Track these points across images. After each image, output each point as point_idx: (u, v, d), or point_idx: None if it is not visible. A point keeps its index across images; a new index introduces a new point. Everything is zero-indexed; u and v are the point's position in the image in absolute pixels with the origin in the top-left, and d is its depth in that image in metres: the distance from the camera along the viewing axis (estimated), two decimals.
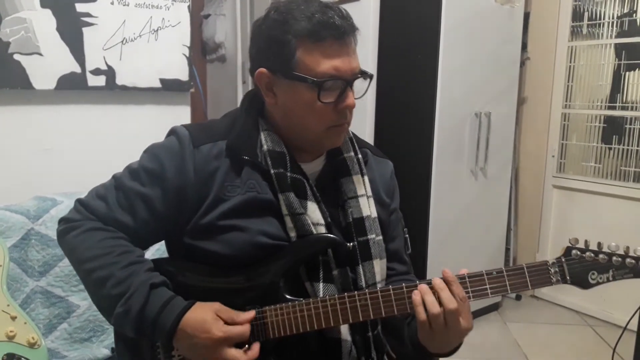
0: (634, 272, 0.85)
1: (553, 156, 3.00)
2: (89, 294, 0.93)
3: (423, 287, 0.87)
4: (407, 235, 1.14)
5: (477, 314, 2.79)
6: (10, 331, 1.21)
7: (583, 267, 0.87)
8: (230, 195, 0.92)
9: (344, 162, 1.00)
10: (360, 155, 1.03)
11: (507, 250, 3.07)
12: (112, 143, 1.85)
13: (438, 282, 0.87)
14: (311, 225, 0.92)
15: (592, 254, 0.87)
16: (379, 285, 0.98)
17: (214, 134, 0.95)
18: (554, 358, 2.43)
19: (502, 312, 2.89)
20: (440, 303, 0.85)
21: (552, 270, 0.88)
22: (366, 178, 1.02)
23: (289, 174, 0.93)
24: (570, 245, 0.88)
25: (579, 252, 0.87)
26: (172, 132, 0.97)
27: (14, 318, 1.23)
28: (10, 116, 1.67)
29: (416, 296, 0.86)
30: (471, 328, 0.88)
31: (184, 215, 0.93)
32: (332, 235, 0.93)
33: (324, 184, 0.99)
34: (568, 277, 0.87)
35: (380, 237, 1.01)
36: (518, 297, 3.07)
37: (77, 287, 1.44)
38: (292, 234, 0.92)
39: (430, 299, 0.85)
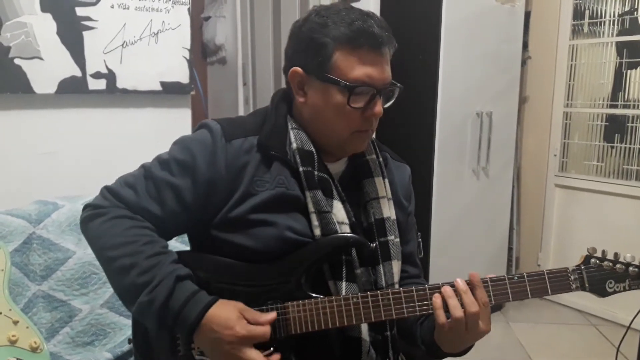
0: None
1: (555, 155, 2.99)
2: (110, 281, 0.93)
3: (447, 289, 0.88)
4: (420, 240, 1.17)
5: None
6: (13, 335, 1.21)
7: (601, 275, 0.90)
8: (260, 190, 0.93)
9: (367, 164, 1.03)
10: (381, 159, 1.05)
11: (510, 249, 3.06)
12: (113, 146, 1.85)
13: (461, 285, 0.88)
14: (336, 224, 0.94)
15: (610, 263, 0.90)
16: (396, 286, 1.00)
17: (245, 129, 0.97)
18: (558, 358, 2.42)
19: (505, 312, 2.88)
20: (463, 306, 0.87)
21: (572, 278, 0.90)
22: (387, 181, 1.04)
23: (316, 172, 0.95)
24: (588, 254, 0.91)
25: (597, 261, 0.90)
26: (204, 126, 0.98)
27: (16, 322, 1.23)
28: (11, 120, 1.67)
29: (437, 299, 0.88)
30: (489, 331, 0.89)
31: (211, 207, 0.94)
32: (356, 236, 0.95)
33: (347, 184, 1.01)
34: (587, 285, 0.90)
35: (398, 239, 1.03)
36: None
37: (79, 291, 1.44)
38: (317, 232, 0.94)
39: (454, 303, 0.87)
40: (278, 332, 0.90)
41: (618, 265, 0.89)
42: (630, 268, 0.89)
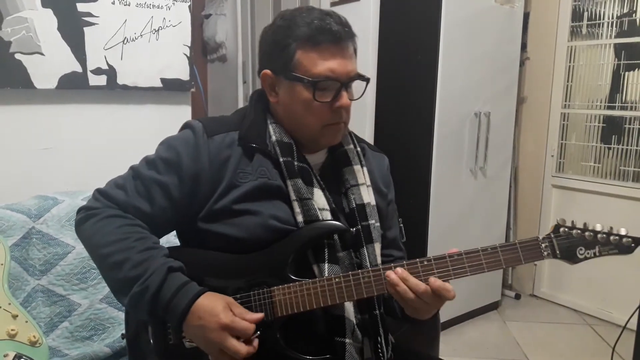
0: (619, 248, 0.91)
1: (552, 156, 3.01)
2: (104, 277, 0.98)
3: (391, 277, 0.91)
4: (401, 225, 1.21)
5: (477, 312, 2.80)
6: (12, 330, 1.22)
7: (571, 243, 0.92)
8: (243, 182, 0.98)
9: (345, 154, 1.08)
10: (359, 149, 1.10)
11: None
12: (113, 142, 1.85)
13: (393, 278, 0.91)
14: (317, 210, 0.98)
15: (579, 231, 0.92)
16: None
17: (225, 125, 1.03)
18: (554, 357, 2.43)
19: (501, 311, 2.90)
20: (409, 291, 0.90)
21: (543, 245, 0.92)
22: (365, 169, 1.09)
23: (295, 162, 1.00)
24: (557, 223, 0.93)
25: (567, 229, 0.92)
26: (187, 126, 1.04)
27: (15, 317, 1.24)
28: (11, 116, 1.67)
29: (390, 287, 0.91)
30: (452, 296, 0.90)
31: (198, 200, 0.99)
32: (338, 222, 0.99)
33: (327, 173, 1.06)
34: (558, 252, 0.92)
35: (379, 224, 1.07)
36: (517, 296, 3.08)
37: (78, 286, 1.44)
38: (300, 219, 0.98)
39: (403, 288, 0.90)
40: (265, 315, 0.93)
41: (587, 233, 0.91)
42: (599, 235, 0.91)
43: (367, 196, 1.06)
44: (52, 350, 1.36)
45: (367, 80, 1.02)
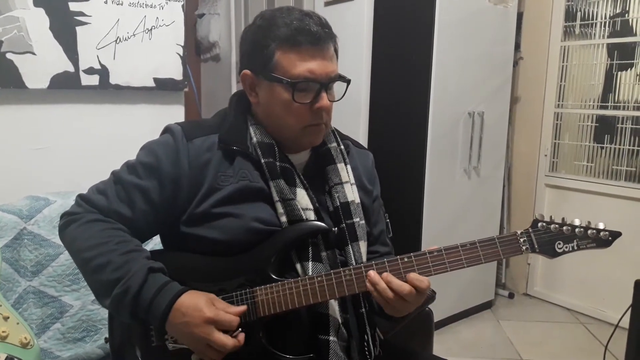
0: (596, 242, 0.91)
1: (545, 155, 3.02)
2: (87, 281, 0.97)
3: (371, 277, 0.91)
4: (388, 220, 1.21)
5: (471, 312, 2.81)
6: (3, 331, 1.21)
7: (550, 237, 0.92)
8: (224, 185, 0.98)
9: (329, 152, 1.07)
10: (342, 147, 1.10)
11: None
12: (105, 142, 1.84)
13: (373, 276, 0.91)
14: (301, 210, 0.98)
15: (557, 226, 0.92)
16: None
17: (205, 128, 1.02)
18: (547, 356, 2.44)
19: (495, 311, 2.91)
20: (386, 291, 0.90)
21: (521, 240, 0.92)
22: (349, 167, 1.08)
23: (278, 163, 1.00)
24: (536, 218, 0.94)
25: (544, 224, 0.93)
26: (167, 130, 1.03)
27: (6, 318, 1.23)
28: (2, 115, 1.66)
29: (370, 287, 0.91)
30: (426, 286, 0.91)
31: (179, 204, 0.99)
32: (320, 223, 0.99)
33: (310, 172, 1.06)
34: (536, 246, 0.92)
35: (364, 222, 1.07)
36: (511, 296, 3.09)
37: (70, 287, 1.43)
38: (283, 219, 0.98)
39: (382, 287, 0.90)
40: (248, 316, 0.94)
41: (565, 227, 0.92)
42: (577, 229, 0.91)
43: (352, 194, 1.05)
44: (43, 352, 1.36)
45: (348, 81, 1.01)
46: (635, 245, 2.53)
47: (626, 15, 2.67)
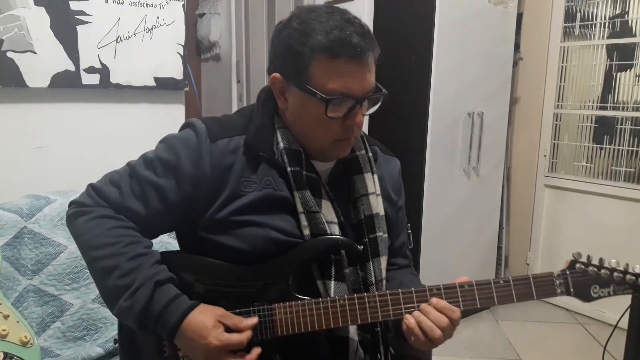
0: (634, 287, 0.90)
1: (545, 156, 3.02)
2: (94, 280, 0.94)
3: (416, 314, 0.89)
4: (409, 231, 1.17)
5: (470, 312, 2.81)
6: (3, 330, 1.21)
7: (586, 280, 0.91)
8: (247, 191, 0.93)
9: (356, 160, 1.02)
10: (370, 154, 1.05)
11: (499, 248, 3.09)
12: (106, 141, 1.84)
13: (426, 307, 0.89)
14: (325, 224, 0.94)
15: (595, 269, 0.90)
16: (384, 282, 1.01)
17: (230, 129, 0.96)
18: (546, 356, 2.45)
19: (494, 311, 2.91)
20: (428, 328, 0.88)
21: (557, 282, 0.91)
22: (376, 176, 1.03)
23: (304, 172, 0.95)
24: (574, 258, 0.91)
25: (582, 266, 0.91)
26: (189, 125, 0.97)
27: (6, 317, 1.23)
28: (3, 114, 1.66)
29: (409, 320, 0.89)
30: (457, 317, 0.90)
31: (197, 208, 0.93)
32: (345, 238, 0.95)
33: (336, 181, 1.01)
34: (572, 290, 0.91)
35: (386, 235, 1.03)
36: None
37: (70, 286, 1.44)
38: (306, 232, 0.93)
39: (428, 325, 0.88)
40: (264, 333, 0.91)
41: (603, 271, 0.90)
42: (615, 273, 0.90)
43: (377, 206, 1.01)
44: (44, 350, 1.36)
45: (385, 94, 0.94)
46: (634, 246, 2.53)
47: (626, 16, 2.68)
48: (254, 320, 0.89)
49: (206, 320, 0.86)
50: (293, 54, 0.89)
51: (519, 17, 2.89)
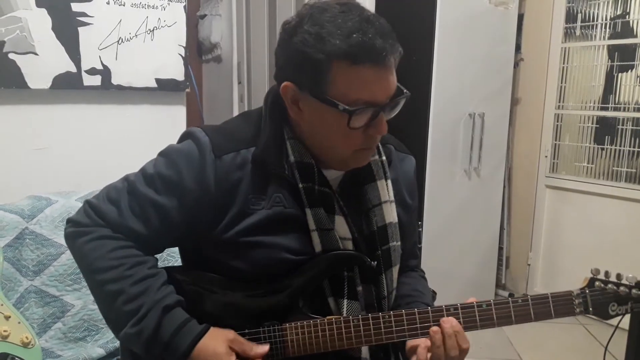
0: None
1: (546, 156, 3.02)
2: (98, 303, 0.90)
3: (437, 330, 0.88)
4: (420, 229, 1.15)
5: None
6: (4, 330, 1.21)
7: (605, 298, 0.90)
8: (255, 209, 0.87)
9: (369, 167, 0.95)
10: (384, 157, 0.98)
11: (500, 249, 3.09)
12: (107, 143, 1.85)
13: (448, 329, 0.88)
14: (338, 241, 0.90)
15: (613, 286, 0.90)
16: (394, 292, 0.98)
17: (237, 141, 0.89)
18: (547, 356, 2.44)
19: None
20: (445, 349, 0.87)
21: (576, 302, 0.90)
22: (389, 182, 0.97)
23: (316, 187, 0.89)
24: (592, 276, 0.91)
25: (601, 284, 0.91)
26: (190, 136, 0.89)
27: (7, 317, 1.23)
28: (5, 115, 1.67)
29: (436, 335, 0.87)
30: (466, 348, 0.91)
31: (201, 227, 0.88)
32: (359, 254, 0.91)
33: (347, 191, 0.95)
34: (590, 309, 0.90)
35: (399, 243, 0.98)
36: (511, 296, 3.08)
37: (72, 287, 1.44)
38: (318, 249, 0.89)
39: (451, 343, 0.87)
40: (275, 354, 0.88)
41: (621, 288, 0.89)
42: (634, 290, 0.89)
43: (390, 215, 0.95)
44: (45, 351, 1.36)
45: (407, 95, 0.87)
46: (635, 246, 2.53)
47: (627, 16, 2.67)
48: (265, 348, 0.86)
49: (218, 346, 0.83)
50: (308, 61, 0.80)
51: (520, 17, 2.89)
